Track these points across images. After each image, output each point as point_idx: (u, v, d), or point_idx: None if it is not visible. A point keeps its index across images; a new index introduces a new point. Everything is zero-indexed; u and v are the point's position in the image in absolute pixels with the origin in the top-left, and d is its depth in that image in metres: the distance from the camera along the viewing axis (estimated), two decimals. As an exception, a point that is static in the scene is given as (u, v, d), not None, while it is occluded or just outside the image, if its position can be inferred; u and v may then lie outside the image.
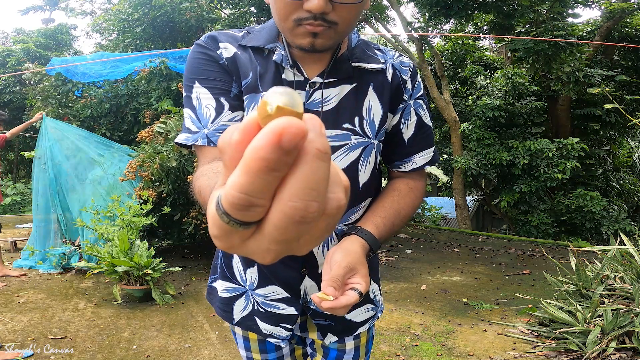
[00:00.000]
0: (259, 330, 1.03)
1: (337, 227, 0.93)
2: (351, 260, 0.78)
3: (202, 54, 0.88)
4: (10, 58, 11.57)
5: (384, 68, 0.93)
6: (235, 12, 7.53)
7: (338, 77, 0.88)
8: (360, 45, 0.93)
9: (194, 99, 0.87)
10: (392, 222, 0.91)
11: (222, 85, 0.87)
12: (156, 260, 3.73)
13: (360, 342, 1.09)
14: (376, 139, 0.93)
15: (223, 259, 1.07)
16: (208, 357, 2.66)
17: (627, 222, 8.08)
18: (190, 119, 0.87)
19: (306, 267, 0.95)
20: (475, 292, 4.15)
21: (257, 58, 0.88)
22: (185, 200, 4.90)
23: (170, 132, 4.28)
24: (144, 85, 6.22)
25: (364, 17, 9.77)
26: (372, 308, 1.08)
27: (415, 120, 0.98)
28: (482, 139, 8.97)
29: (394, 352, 2.75)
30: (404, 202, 0.95)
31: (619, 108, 4.32)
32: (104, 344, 2.82)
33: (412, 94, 0.97)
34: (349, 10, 0.78)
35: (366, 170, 0.94)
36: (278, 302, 0.99)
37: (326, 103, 0.87)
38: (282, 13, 0.78)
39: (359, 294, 0.75)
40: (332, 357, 1.09)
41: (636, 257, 3.12)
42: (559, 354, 2.64)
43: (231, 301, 1.05)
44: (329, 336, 1.03)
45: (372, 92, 0.91)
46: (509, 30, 9.03)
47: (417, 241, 7.12)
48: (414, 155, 0.99)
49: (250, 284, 1.01)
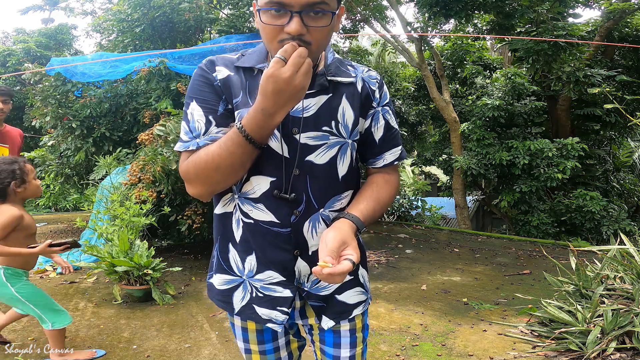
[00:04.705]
0: (258, 317, 1.13)
1: (324, 213, 1.09)
2: (343, 236, 0.96)
3: (201, 76, 1.07)
4: (10, 58, 11.57)
5: (355, 81, 1.11)
6: (234, 12, 7.51)
7: (316, 89, 1.05)
8: (335, 62, 1.12)
9: (189, 114, 1.06)
10: (374, 208, 1.08)
11: (212, 105, 1.06)
12: (156, 260, 3.73)
13: (355, 325, 1.20)
14: (350, 139, 1.11)
15: (219, 254, 1.17)
16: (208, 357, 2.66)
17: (627, 222, 8.07)
18: (184, 131, 1.07)
19: (298, 249, 1.09)
20: (475, 292, 4.15)
21: (247, 78, 1.07)
22: (182, 201, 4.90)
23: (169, 134, 4.28)
24: (144, 85, 6.22)
25: (364, 17, 9.78)
26: (362, 292, 1.20)
27: (383, 124, 1.16)
28: (482, 139, 8.97)
29: (394, 352, 2.74)
30: (382, 191, 1.14)
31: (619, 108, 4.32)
32: (104, 344, 2.81)
33: (380, 102, 1.15)
34: (320, 32, 0.96)
35: (344, 164, 1.10)
36: (275, 286, 1.11)
37: (307, 110, 1.05)
38: (269, 36, 0.98)
39: (352, 263, 0.90)
40: (329, 342, 1.20)
41: (636, 257, 3.12)
42: (559, 354, 2.64)
43: (230, 292, 1.16)
44: (325, 320, 1.15)
45: (345, 100, 1.09)
46: (509, 30, 9.02)
47: (417, 241, 7.12)
48: (384, 153, 1.18)
49: (249, 271, 1.12)
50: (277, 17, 0.95)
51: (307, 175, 1.06)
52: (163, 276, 3.91)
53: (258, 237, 1.09)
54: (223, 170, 0.99)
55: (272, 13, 0.95)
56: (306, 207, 1.07)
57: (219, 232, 1.17)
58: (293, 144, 1.04)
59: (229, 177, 1.02)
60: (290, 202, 1.06)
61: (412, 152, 12.77)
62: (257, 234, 1.09)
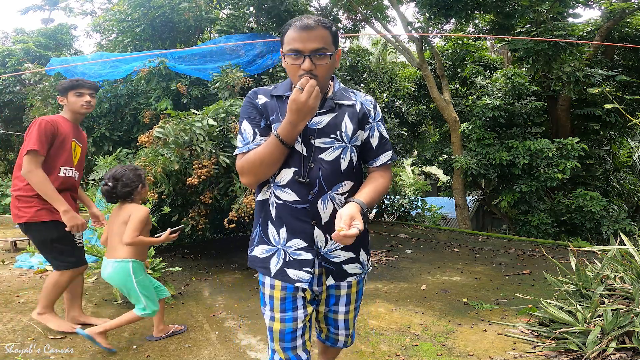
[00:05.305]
0: (289, 278, 1.57)
1: (331, 194, 1.55)
2: (352, 212, 1.40)
3: (249, 102, 1.61)
4: (10, 58, 11.55)
5: (354, 103, 1.61)
6: (234, 12, 7.50)
7: (326, 109, 1.56)
8: (340, 90, 1.63)
9: (242, 129, 1.59)
10: (373, 195, 1.53)
11: (257, 121, 1.58)
12: (156, 260, 3.73)
13: (351, 290, 1.71)
14: (350, 144, 1.58)
15: (261, 230, 1.63)
16: (208, 357, 2.66)
17: (627, 222, 8.07)
18: (239, 140, 1.60)
19: (315, 220, 1.55)
20: (475, 292, 4.15)
21: (278, 103, 1.58)
22: (184, 202, 4.90)
23: (168, 136, 4.27)
24: (144, 85, 6.21)
25: (365, 17, 9.77)
26: (359, 267, 1.68)
27: (378, 135, 1.64)
28: (482, 139, 8.97)
29: (394, 352, 2.74)
30: (379, 183, 1.59)
31: (619, 108, 4.32)
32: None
33: (375, 118, 1.65)
34: (324, 68, 1.48)
35: (344, 161, 1.57)
36: (300, 251, 1.57)
37: (320, 124, 1.55)
38: (291, 73, 1.51)
39: (358, 230, 1.34)
40: (331, 302, 1.71)
41: (636, 257, 3.12)
42: (559, 354, 2.63)
43: (268, 259, 1.61)
44: (329, 278, 1.63)
45: (346, 117, 1.58)
46: (509, 30, 9.02)
47: (417, 241, 7.12)
48: (380, 156, 1.65)
49: (283, 240, 1.58)
50: (295, 59, 1.47)
51: (319, 167, 1.53)
52: (163, 276, 3.91)
53: (287, 213, 1.55)
54: (266, 164, 1.50)
55: (292, 57, 1.47)
56: (318, 189, 1.53)
57: (260, 214, 1.64)
58: (310, 146, 1.53)
59: (269, 169, 1.52)
60: (307, 185, 1.52)
61: (412, 152, 12.76)
62: (286, 211, 1.55)
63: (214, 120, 4.36)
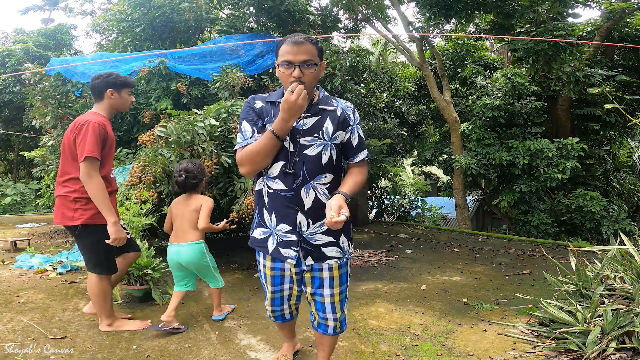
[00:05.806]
0: (282, 256, 1.92)
1: (312, 184, 1.86)
2: (339, 202, 1.70)
3: (248, 106, 1.95)
4: (10, 58, 11.55)
5: (336, 108, 1.93)
6: (234, 12, 7.50)
7: (311, 113, 1.88)
8: (324, 97, 1.95)
9: (242, 128, 1.92)
10: (353, 188, 1.85)
11: (255, 122, 1.92)
12: (156, 260, 3.73)
13: (333, 274, 1.97)
14: (330, 142, 1.89)
15: (259, 215, 1.98)
16: (208, 357, 2.66)
17: (627, 222, 8.07)
18: (239, 137, 1.92)
19: (299, 206, 1.86)
20: (475, 292, 4.15)
21: (272, 107, 1.91)
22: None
23: (170, 135, 4.27)
24: (144, 85, 6.22)
25: (365, 16, 9.76)
26: (339, 252, 1.97)
27: (357, 135, 1.97)
28: (482, 139, 8.96)
29: (394, 352, 2.74)
30: (358, 177, 1.92)
31: (619, 108, 4.32)
32: (104, 344, 2.81)
33: (354, 121, 1.96)
34: (311, 76, 1.80)
35: (325, 156, 1.88)
36: (287, 234, 1.90)
37: (305, 125, 1.87)
38: (284, 80, 1.83)
39: (346, 217, 1.63)
40: (316, 285, 1.99)
41: (636, 257, 3.12)
42: (559, 354, 2.63)
43: (265, 240, 1.96)
44: (309, 259, 1.93)
45: (328, 120, 1.90)
46: (509, 30, 9.02)
47: (417, 241, 7.12)
48: (358, 153, 1.97)
49: (274, 225, 1.92)
50: (287, 69, 1.79)
51: (303, 161, 1.85)
52: (163, 276, 3.91)
53: (276, 200, 1.88)
54: (261, 155, 1.80)
55: (285, 67, 1.79)
56: (302, 179, 1.84)
57: (258, 201, 1.97)
58: (296, 143, 1.85)
59: (264, 160, 1.82)
60: (293, 175, 1.84)
61: (412, 152, 12.75)
62: (275, 199, 1.88)
63: (215, 120, 4.36)
